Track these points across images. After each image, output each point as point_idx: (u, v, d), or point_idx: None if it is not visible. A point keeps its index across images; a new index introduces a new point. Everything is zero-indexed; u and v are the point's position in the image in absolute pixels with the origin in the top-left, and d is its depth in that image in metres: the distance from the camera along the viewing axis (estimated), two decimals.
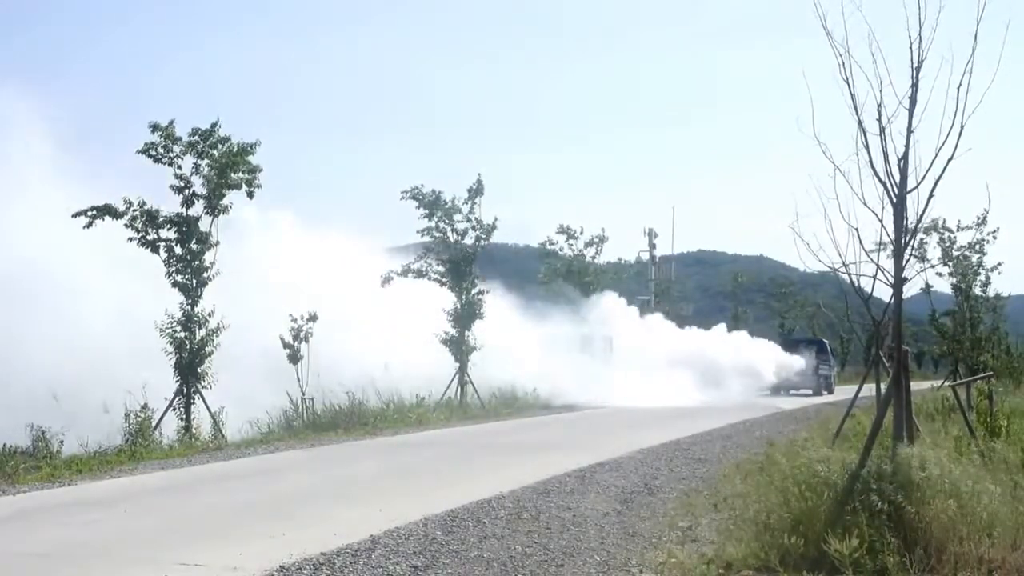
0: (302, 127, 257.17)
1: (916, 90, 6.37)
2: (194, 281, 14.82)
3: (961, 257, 24.47)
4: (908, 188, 6.49)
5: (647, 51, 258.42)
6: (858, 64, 6.45)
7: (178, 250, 14.80)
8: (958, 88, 6.14)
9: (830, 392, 35.40)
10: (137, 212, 14.61)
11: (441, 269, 21.98)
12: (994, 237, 24.05)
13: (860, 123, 6.52)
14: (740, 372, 32.78)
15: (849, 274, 7.08)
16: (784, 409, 23.41)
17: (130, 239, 14.74)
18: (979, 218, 23.51)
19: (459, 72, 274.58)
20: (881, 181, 6.50)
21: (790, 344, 38.91)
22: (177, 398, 14.67)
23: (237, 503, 9.10)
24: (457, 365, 21.93)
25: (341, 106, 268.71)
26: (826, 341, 39.23)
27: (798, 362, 36.22)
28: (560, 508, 8.44)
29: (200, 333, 14.84)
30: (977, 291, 25.48)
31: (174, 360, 14.71)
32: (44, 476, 10.72)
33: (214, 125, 15.05)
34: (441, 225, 22.00)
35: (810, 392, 35.39)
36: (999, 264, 25.17)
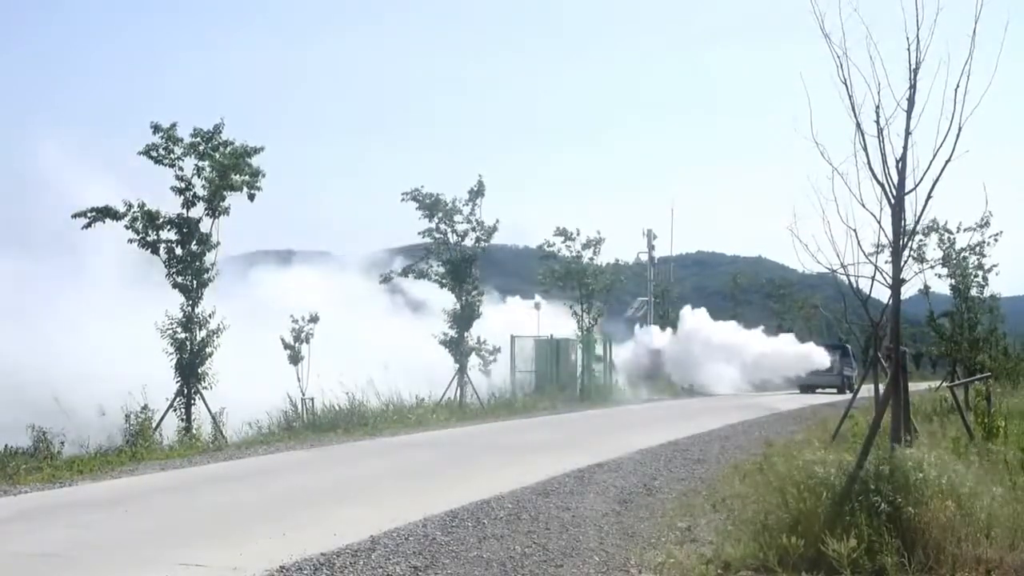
0: (303, 128, 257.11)
1: (914, 91, 6.38)
2: (194, 282, 14.84)
3: (961, 259, 24.38)
4: (906, 190, 6.50)
5: (646, 52, 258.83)
6: (856, 66, 6.47)
7: (179, 251, 14.82)
8: (956, 89, 6.16)
9: (852, 391, 36.53)
10: (137, 213, 14.60)
11: (441, 270, 22.04)
12: (996, 239, 23.97)
13: (858, 124, 6.54)
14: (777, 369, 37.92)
15: (847, 275, 7.09)
16: (782, 410, 23.42)
17: (130, 240, 14.75)
18: (982, 219, 23.42)
19: (459, 73, 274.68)
20: (879, 182, 6.52)
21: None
22: (177, 399, 14.68)
23: (237, 503, 9.12)
24: (456, 366, 21.96)
25: (341, 107, 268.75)
26: (848, 346, 40.89)
27: (825, 363, 39.11)
28: (559, 508, 8.46)
29: (201, 334, 14.85)
30: (974, 292, 25.39)
31: (175, 361, 14.72)
32: (45, 477, 10.74)
33: (217, 126, 15.03)
34: (441, 226, 22.03)
35: (835, 390, 37.25)
36: (995, 265, 25.10)
